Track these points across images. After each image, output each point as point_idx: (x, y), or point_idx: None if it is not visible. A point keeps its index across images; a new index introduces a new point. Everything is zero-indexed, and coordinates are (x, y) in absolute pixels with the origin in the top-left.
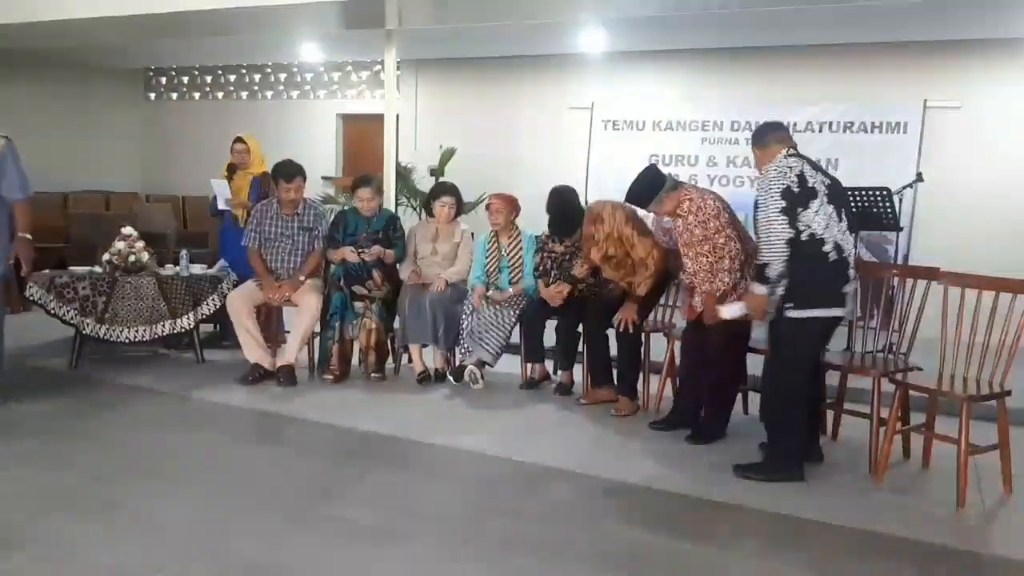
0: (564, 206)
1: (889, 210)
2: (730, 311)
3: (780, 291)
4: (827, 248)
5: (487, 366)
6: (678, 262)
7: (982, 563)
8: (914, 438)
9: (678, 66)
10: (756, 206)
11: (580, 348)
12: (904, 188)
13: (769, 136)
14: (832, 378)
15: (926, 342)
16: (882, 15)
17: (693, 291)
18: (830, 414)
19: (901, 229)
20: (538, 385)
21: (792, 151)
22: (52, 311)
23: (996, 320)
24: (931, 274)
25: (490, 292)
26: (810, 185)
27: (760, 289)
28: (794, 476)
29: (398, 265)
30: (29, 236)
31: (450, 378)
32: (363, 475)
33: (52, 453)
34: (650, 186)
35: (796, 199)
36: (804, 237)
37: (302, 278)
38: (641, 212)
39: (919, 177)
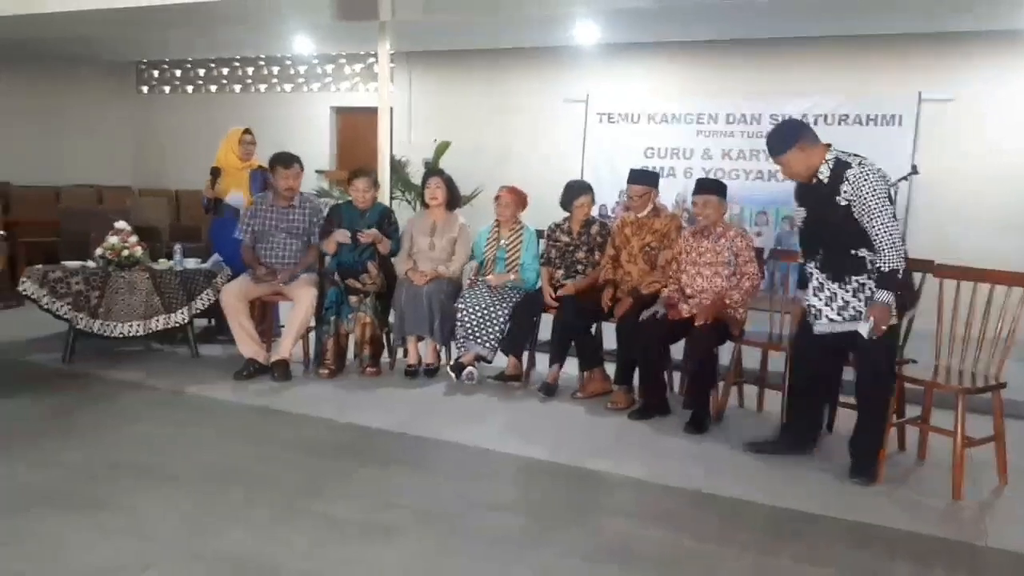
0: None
1: None
2: (865, 328)
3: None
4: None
5: (484, 361)
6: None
7: (978, 554)
8: (909, 430)
9: (673, 58)
10: (829, 209)
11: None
12: (899, 181)
13: (809, 132)
14: None
15: (921, 335)
16: (876, 6)
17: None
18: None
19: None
20: (507, 381)
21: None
22: (45, 306)
23: (991, 313)
24: (926, 267)
25: (489, 276)
26: None
27: (888, 297)
28: None
29: (392, 259)
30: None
31: (451, 374)
32: (357, 470)
33: (42, 449)
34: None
35: (893, 202)
36: None
37: (298, 270)
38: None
39: (914, 170)
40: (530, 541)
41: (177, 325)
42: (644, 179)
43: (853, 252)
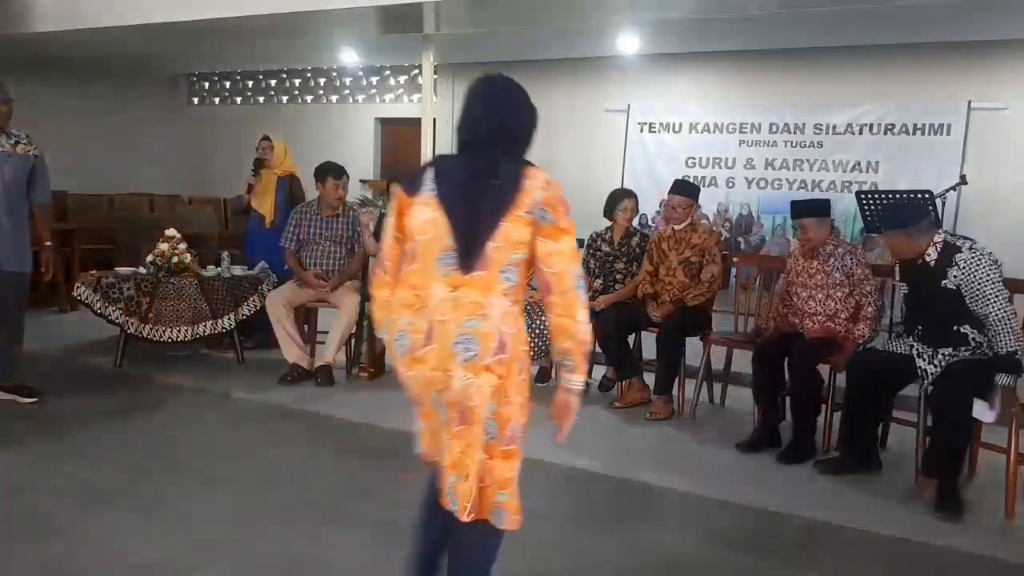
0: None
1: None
2: (991, 415)
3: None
4: None
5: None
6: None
7: None
8: None
9: (715, 68)
10: (950, 289)
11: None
12: (947, 191)
13: (922, 220)
14: None
15: None
16: (924, 15)
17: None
18: None
19: None
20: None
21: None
22: (98, 311)
23: None
24: None
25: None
26: None
27: (1010, 380)
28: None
29: None
30: (50, 244)
31: None
32: (398, 474)
33: (95, 449)
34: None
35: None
36: None
37: (344, 279)
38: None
39: (963, 180)
40: (572, 550)
41: (224, 331)
42: (687, 191)
43: (956, 328)
